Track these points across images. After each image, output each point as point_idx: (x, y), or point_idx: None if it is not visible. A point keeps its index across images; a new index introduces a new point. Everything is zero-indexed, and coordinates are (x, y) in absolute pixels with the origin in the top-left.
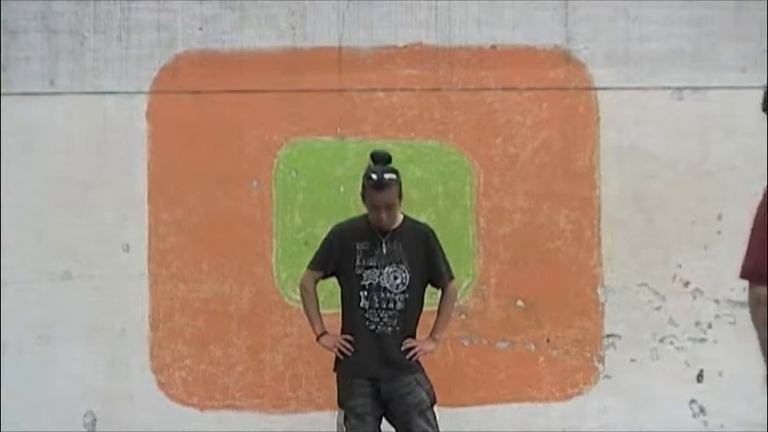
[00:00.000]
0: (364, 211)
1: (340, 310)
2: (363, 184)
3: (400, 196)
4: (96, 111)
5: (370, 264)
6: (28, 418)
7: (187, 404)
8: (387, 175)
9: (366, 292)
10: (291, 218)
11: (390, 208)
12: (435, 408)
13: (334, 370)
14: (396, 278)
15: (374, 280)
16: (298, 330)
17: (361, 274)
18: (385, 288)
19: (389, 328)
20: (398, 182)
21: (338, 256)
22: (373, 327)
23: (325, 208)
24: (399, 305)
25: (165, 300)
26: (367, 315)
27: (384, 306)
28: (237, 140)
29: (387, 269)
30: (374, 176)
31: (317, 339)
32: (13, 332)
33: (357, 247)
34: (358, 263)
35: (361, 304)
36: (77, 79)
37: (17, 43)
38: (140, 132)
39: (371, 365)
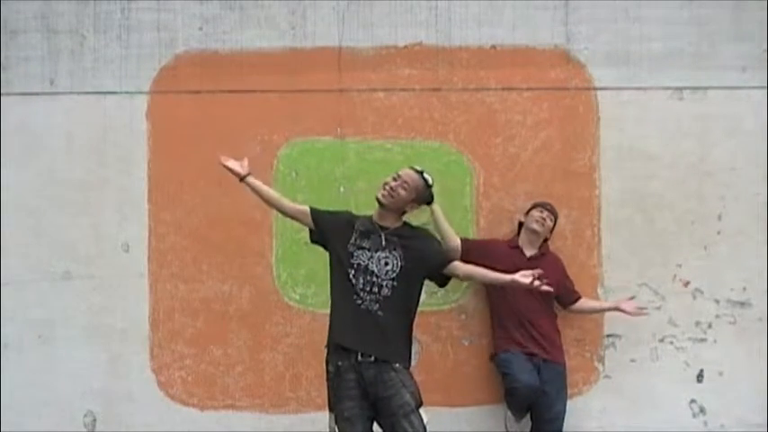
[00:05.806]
0: (363, 210)
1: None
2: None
3: (413, 201)
4: (96, 111)
5: (363, 245)
6: (28, 418)
7: (187, 404)
8: (428, 174)
9: (353, 271)
10: None
11: (403, 184)
12: (426, 409)
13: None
14: (386, 264)
15: (363, 261)
16: (298, 330)
17: (352, 252)
18: (372, 272)
19: (375, 305)
20: (425, 191)
21: (339, 224)
22: (360, 302)
23: (325, 208)
24: (386, 291)
25: (165, 300)
26: (356, 290)
27: (368, 289)
28: (237, 140)
29: (379, 253)
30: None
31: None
32: (13, 332)
33: (356, 226)
34: (352, 240)
35: (351, 278)
36: (77, 79)
37: (17, 43)
38: (140, 132)
39: (353, 338)
